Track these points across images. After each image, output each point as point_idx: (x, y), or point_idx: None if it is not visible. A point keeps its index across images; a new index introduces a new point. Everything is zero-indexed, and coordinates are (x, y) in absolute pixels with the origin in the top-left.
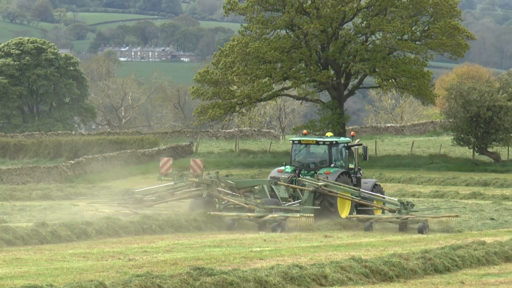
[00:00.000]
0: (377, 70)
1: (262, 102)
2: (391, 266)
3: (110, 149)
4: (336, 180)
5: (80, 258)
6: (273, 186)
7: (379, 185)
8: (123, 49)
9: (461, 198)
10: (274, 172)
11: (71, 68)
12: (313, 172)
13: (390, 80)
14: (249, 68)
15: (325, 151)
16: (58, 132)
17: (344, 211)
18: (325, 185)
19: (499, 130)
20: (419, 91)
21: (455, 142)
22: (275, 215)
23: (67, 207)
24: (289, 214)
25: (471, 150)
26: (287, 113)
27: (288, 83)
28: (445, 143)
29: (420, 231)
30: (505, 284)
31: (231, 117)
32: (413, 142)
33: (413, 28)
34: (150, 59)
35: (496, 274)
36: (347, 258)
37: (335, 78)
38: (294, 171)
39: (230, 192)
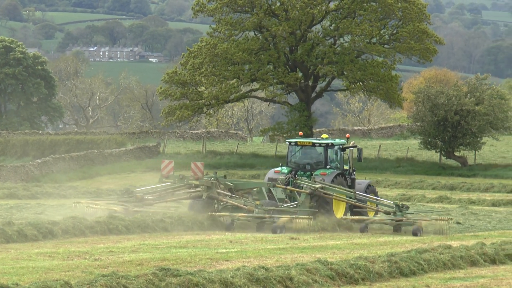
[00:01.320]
0: (345, 73)
1: (229, 104)
2: (357, 269)
3: (77, 149)
4: (331, 181)
5: (46, 257)
6: (271, 188)
7: (373, 186)
8: (91, 49)
9: (427, 202)
10: (271, 173)
11: (39, 68)
12: (309, 173)
13: (358, 83)
14: (217, 70)
15: (321, 153)
16: (25, 131)
17: (339, 212)
18: (322, 187)
19: (466, 134)
20: (386, 95)
21: (422, 146)
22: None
23: (33, 206)
24: (293, 216)
25: (438, 154)
26: (254, 115)
27: (256, 84)
28: (412, 147)
29: (415, 233)
30: None
31: (198, 118)
32: (380, 145)
33: (381, 32)
34: (118, 59)
35: (462, 278)
36: (313, 261)
37: (303, 81)
38: (290, 172)
39: (229, 194)
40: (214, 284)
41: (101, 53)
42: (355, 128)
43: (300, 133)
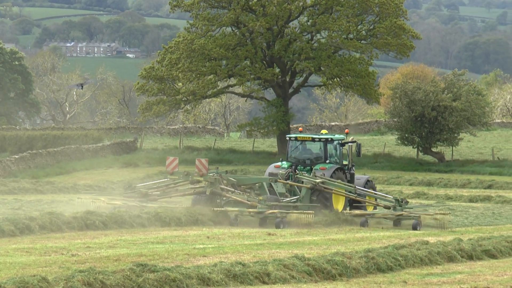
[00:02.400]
0: (322, 68)
1: (207, 99)
2: (334, 265)
3: (54, 144)
4: (331, 176)
5: (23, 253)
6: (272, 183)
7: (372, 181)
8: (68, 45)
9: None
10: (271, 167)
11: (16, 63)
12: (309, 167)
13: (335, 79)
14: (194, 65)
15: (320, 148)
16: (2, 127)
17: (339, 205)
18: (322, 182)
19: (443, 130)
20: (363, 90)
21: (399, 142)
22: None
23: (10, 202)
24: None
25: (415, 149)
26: (232, 111)
27: (233, 80)
28: (389, 143)
29: (414, 227)
30: (448, 284)
31: (176, 114)
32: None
33: (358, 27)
34: (95, 55)
35: (439, 274)
36: (290, 256)
37: (280, 76)
38: (290, 166)
39: (233, 189)
40: (191, 280)
41: (78, 49)
42: (332, 123)
43: (300, 128)
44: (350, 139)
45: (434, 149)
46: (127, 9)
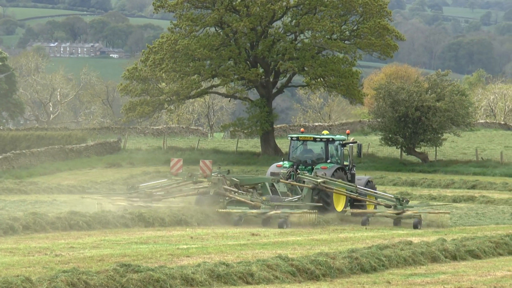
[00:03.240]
0: (305, 69)
1: (190, 100)
2: (317, 265)
3: (38, 145)
4: (332, 175)
5: (6, 253)
6: (274, 183)
7: (372, 181)
8: (52, 45)
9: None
10: (273, 167)
11: (0, 63)
12: (310, 167)
13: (319, 79)
14: (178, 65)
15: (322, 148)
16: None
17: (339, 206)
18: (324, 182)
19: (427, 130)
20: (347, 91)
21: (383, 142)
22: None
23: None
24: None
25: (399, 150)
26: (215, 111)
27: (216, 80)
28: (373, 143)
29: (415, 226)
30: (431, 284)
31: (159, 114)
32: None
33: (342, 28)
34: (79, 55)
35: (423, 274)
36: (273, 257)
37: (263, 76)
38: (292, 166)
39: (236, 189)
40: (175, 280)
41: (61, 49)
42: (316, 124)
43: (302, 129)
44: (351, 139)
45: (417, 150)
46: (110, 9)
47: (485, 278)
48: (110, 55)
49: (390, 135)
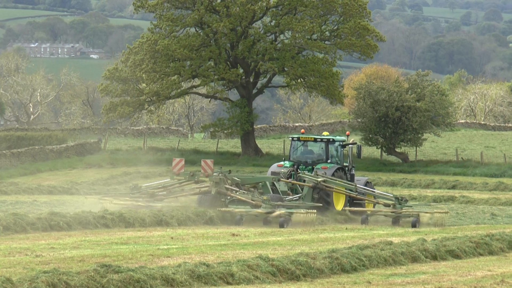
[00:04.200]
0: (286, 69)
1: (170, 100)
2: (298, 265)
3: (18, 145)
4: (332, 175)
5: None
6: (274, 182)
7: (370, 182)
8: (32, 45)
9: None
10: (273, 167)
11: None
12: (310, 167)
13: (299, 80)
14: (158, 66)
15: (322, 148)
16: None
17: (339, 205)
18: (324, 181)
19: (407, 130)
20: (327, 91)
21: (363, 142)
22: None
23: None
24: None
25: (379, 150)
26: (195, 111)
27: (197, 81)
28: None
29: (413, 225)
30: (412, 284)
31: (139, 115)
32: None
33: (322, 28)
34: (59, 56)
35: (403, 274)
36: (254, 257)
37: (244, 77)
38: (292, 166)
39: (237, 189)
40: (155, 281)
41: (42, 49)
42: (296, 124)
43: (302, 130)
44: (350, 141)
45: (398, 150)
46: (91, 10)
47: (466, 278)
48: (90, 55)
49: (370, 135)
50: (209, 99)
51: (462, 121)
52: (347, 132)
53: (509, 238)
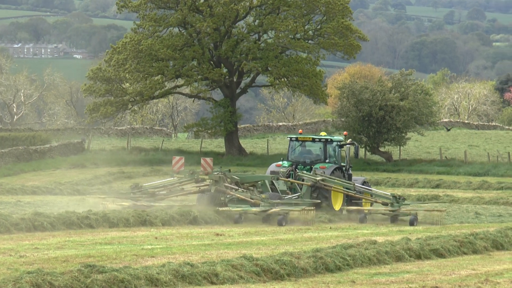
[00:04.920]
0: (269, 69)
1: (154, 100)
2: (282, 265)
3: (2, 146)
4: (330, 175)
5: None
6: (273, 181)
7: (367, 182)
8: (15, 46)
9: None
10: (272, 166)
11: None
12: (309, 167)
13: (283, 79)
14: (141, 66)
15: (320, 148)
16: None
17: (337, 204)
18: (323, 180)
19: (391, 129)
20: (311, 90)
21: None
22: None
23: None
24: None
25: (363, 149)
26: (179, 111)
27: (180, 81)
28: None
29: (411, 223)
30: (396, 283)
31: (123, 115)
32: None
33: (305, 27)
34: (42, 56)
35: (387, 273)
36: (238, 257)
37: (227, 77)
38: (291, 165)
39: (237, 187)
40: (139, 281)
41: (25, 50)
42: (280, 124)
43: (300, 130)
44: (348, 141)
45: (381, 149)
46: (74, 10)
47: (450, 277)
48: (74, 55)
49: (354, 135)
50: (193, 99)
51: (446, 120)
52: (345, 132)
53: (493, 237)
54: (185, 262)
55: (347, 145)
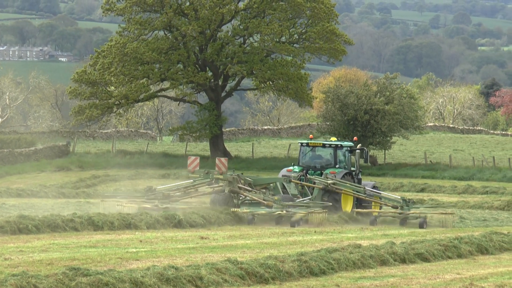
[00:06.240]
0: (254, 72)
1: (139, 103)
2: (266, 268)
3: None
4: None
5: None
6: (285, 184)
7: (377, 187)
8: (1, 48)
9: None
10: (283, 171)
11: None
12: (319, 172)
13: (268, 83)
14: (126, 69)
15: (330, 153)
16: None
17: (347, 207)
18: (333, 183)
19: (376, 133)
20: (296, 94)
21: None
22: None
23: None
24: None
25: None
26: (164, 114)
27: (165, 84)
28: None
29: (421, 225)
30: (380, 287)
31: (108, 118)
32: (290, 145)
33: (290, 31)
34: (28, 59)
35: (372, 277)
36: (223, 260)
37: (212, 80)
38: (301, 171)
39: (250, 188)
40: (124, 284)
41: (10, 53)
42: (265, 127)
43: (311, 136)
44: (358, 146)
45: None
46: (59, 13)
47: (434, 281)
48: (59, 58)
49: (339, 139)
50: (178, 102)
51: (431, 124)
52: (355, 138)
53: (477, 241)
54: (170, 265)
55: (357, 150)
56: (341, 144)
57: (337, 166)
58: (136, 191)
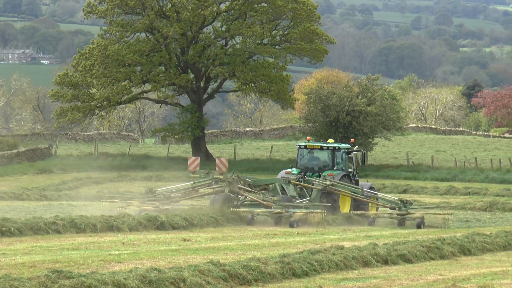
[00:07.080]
0: (236, 74)
1: (121, 105)
2: (249, 270)
3: None
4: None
5: None
6: (284, 185)
7: (374, 188)
8: None
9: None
10: (281, 173)
11: None
12: (317, 174)
13: (250, 84)
14: (108, 71)
15: (328, 156)
16: None
17: (345, 208)
18: (332, 185)
19: (358, 135)
20: (278, 96)
21: None
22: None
23: None
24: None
25: None
26: (146, 116)
27: (147, 86)
28: None
29: (419, 226)
30: None
31: (90, 120)
32: (272, 147)
33: (272, 33)
34: (9, 61)
35: (354, 278)
36: (205, 262)
37: (194, 82)
38: (300, 173)
39: (249, 189)
40: (106, 286)
41: None
42: (247, 129)
43: (308, 138)
44: (355, 148)
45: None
46: (41, 15)
47: (417, 282)
48: (41, 61)
49: (321, 140)
50: (160, 104)
51: (413, 125)
52: (352, 140)
53: (460, 242)
54: (152, 267)
55: (354, 152)
56: (338, 146)
57: (335, 168)
58: (136, 194)
